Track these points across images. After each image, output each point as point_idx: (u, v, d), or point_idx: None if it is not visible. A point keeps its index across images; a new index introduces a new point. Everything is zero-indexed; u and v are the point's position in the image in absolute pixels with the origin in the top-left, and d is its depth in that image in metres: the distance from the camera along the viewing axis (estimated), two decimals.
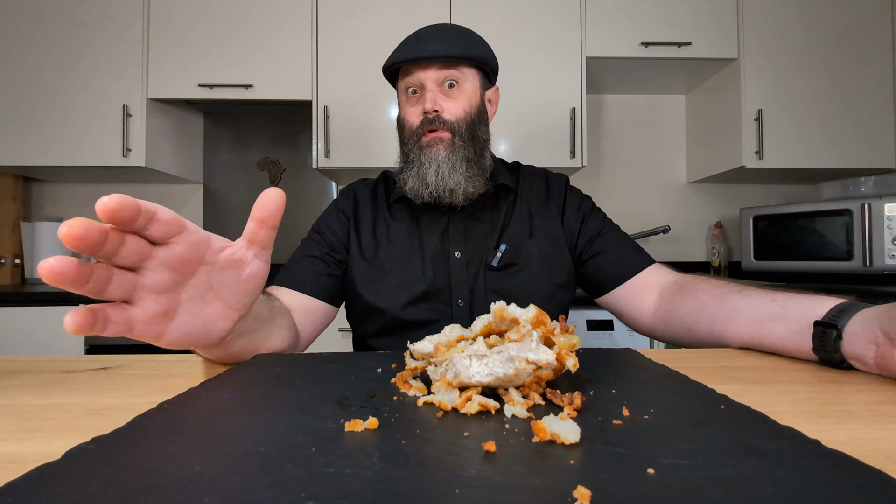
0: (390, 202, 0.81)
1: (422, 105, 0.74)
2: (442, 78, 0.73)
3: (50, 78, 1.68)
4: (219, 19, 1.71)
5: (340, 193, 0.85)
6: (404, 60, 0.73)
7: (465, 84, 0.75)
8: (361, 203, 0.82)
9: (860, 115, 1.76)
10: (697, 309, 0.60)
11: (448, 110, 0.74)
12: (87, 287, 0.29)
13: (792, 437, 0.23)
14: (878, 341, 0.38)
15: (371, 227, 0.79)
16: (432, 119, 0.73)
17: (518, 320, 0.32)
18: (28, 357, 0.47)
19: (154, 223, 0.30)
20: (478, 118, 0.76)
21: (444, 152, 0.73)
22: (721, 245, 2.02)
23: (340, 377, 0.36)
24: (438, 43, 0.73)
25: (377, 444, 0.23)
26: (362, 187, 0.84)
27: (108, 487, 0.18)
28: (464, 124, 0.74)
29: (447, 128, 0.74)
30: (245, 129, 2.08)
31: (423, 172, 0.73)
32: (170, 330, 0.35)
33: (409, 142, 0.76)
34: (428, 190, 0.73)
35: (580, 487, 0.17)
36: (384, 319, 0.73)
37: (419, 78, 0.74)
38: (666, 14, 1.74)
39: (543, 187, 0.83)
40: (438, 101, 0.73)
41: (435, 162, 0.73)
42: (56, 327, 1.46)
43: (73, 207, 2.02)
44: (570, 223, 0.79)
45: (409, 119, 0.76)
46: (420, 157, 0.74)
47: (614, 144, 2.12)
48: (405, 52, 0.73)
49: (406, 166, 0.76)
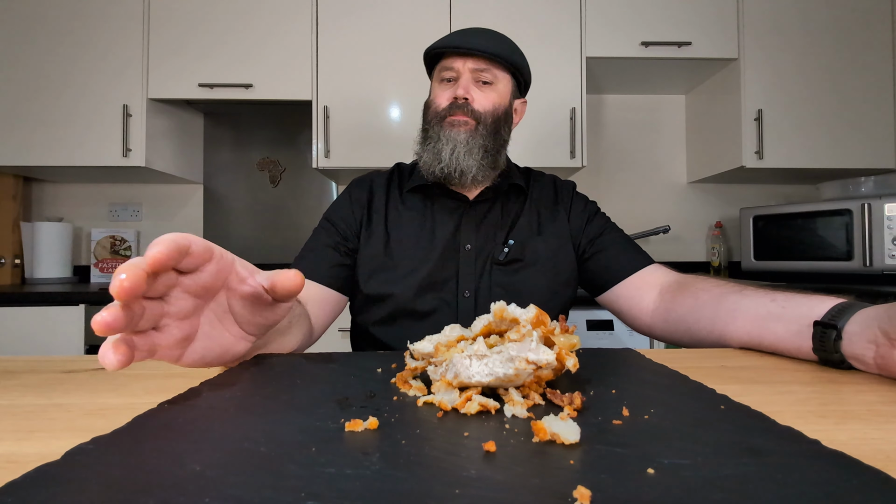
0: (405, 191, 0.82)
1: (453, 90, 0.76)
2: (479, 72, 0.76)
3: (50, 78, 1.68)
4: (219, 19, 1.71)
5: (355, 182, 0.85)
6: (447, 47, 0.75)
7: (498, 85, 0.78)
8: (377, 193, 0.82)
9: (860, 115, 1.76)
10: (697, 308, 0.60)
11: (478, 101, 0.76)
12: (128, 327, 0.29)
13: (792, 437, 0.23)
14: (877, 341, 0.38)
15: (384, 215, 0.80)
16: (461, 105, 0.75)
17: (518, 320, 0.32)
18: (28, 357, 0.47)
19: (187, 258, 0.31)
20: (503, 118, 0.79)
21: (465, 134, 0.75)
22: (721, 245, 2.02)
23: (340, 377, 0.36)
24: (483, 40, 0.75)
25: (377, 444, 0.23)
26: (378, 178, 0.85)
27: (108, 487, 0.18)
28: (490, 117, 0.77)
29: (473, 116, 0.76)
30: (245, 129, 2.08)
31: (439, 148, 0.75)
32: (188, 353, 0.35)
33: (431, 120, 0.78)
34: (440, 166, 0.75)
35: (580, 487, 0.17)
36: (390, 307, 0.74)
37: (457, 67, 0.76)
38: (666, 14, 1.74)
39: (552, 191, 0.85)
40: (471, 91, 0.76)
41: (453, 141, 0.75)
42: (56, 327, 1.46)
43: (74, 207, 2.02)
44: (575, 223, 0.81)
45: (437, 100, 0.78)
46: (439, 134, 0.76)
47: (614, 144, 2.12)
48: (449, 41, 0.76)
49: (424, 143, 0.78)
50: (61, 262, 1.88)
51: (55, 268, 1.87)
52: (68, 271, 1.91)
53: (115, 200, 2.04)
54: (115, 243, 1.96)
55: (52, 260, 1.86)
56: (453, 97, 0.76)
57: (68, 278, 1.91)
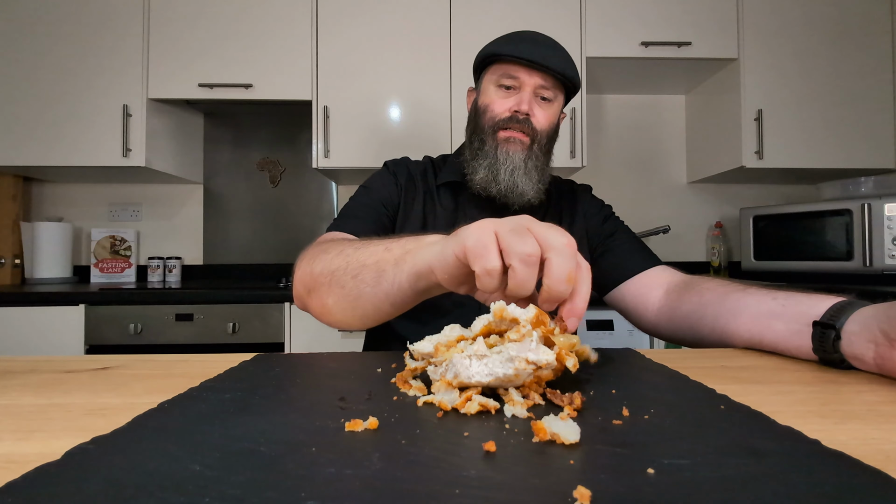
0: (438, 184, 0.81)
1: (514, 101, 0.75)
2: (542, 89, 0.75)
3: (50, 78, 1.68)
4: (219, 19, 1.71)
5: (393, 163, 0.84)
6: (524, 59, 0.72)
7: (555, 102, 0.77)
8: (415, 178, 0.82)
9: (860, 115, 1.76)
10: (701, 306, 0.60)
11: (537, 118, 0.76)
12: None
13: (792, 437, 0.23)
14: (877, 341, 0.38)
15: (421, 204, 0.80)
16: (521, 120, 0.75)
17: (518, 320, 0.32)
18: (28, 357, 0.47)
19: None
20: (554, 135, 0.80)
21: (521, 155, 0.75)
22: (721, 245, 2.02)
23: (340, 377, 0.36)
24: (556, 57, 0.74)
25: (377, 444, 0.23)
26: (414, 164, 0.85)
27: (108, 487, 0.18)
28: (545, 137, 0.77)
29: (530, 134, 0.75)
30: (245, 129, 2.08)
31: (496, 168, 0.75)
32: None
33: (486, 129, 0.77)
34: (498, 186, 0.75)
35: (580, 487, 0.17)
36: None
37: (523, 78, 0.74)
38: (666, 14, 1.74)
39: (571, 194, 0.87)
40: (534, 107, 0.75)
41: (511, 161, 0.74)
42: (56, 327, 1.46)
43: (73, 207, 2.02)
44: (591, 221, 0.84)
45: (495, 108, 0.76)
46: (496, 152, 0.75)
47: (614, 144, 2.12)
48: (524, 51, 0.73)
49: (478, 154, 0.77)
50: (61, 262, 1.88)
51: (55, 268, 1.87)
52: (68, 271, 1.91)
53: (115, 200, 2.03)
54: (115, 243, 1.96)
55: (52, 260, 1.86)
56: (514, 110, 0.75)
57: (68, 278, 1.91)
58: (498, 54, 0.75)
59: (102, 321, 1.47)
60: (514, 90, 0.76)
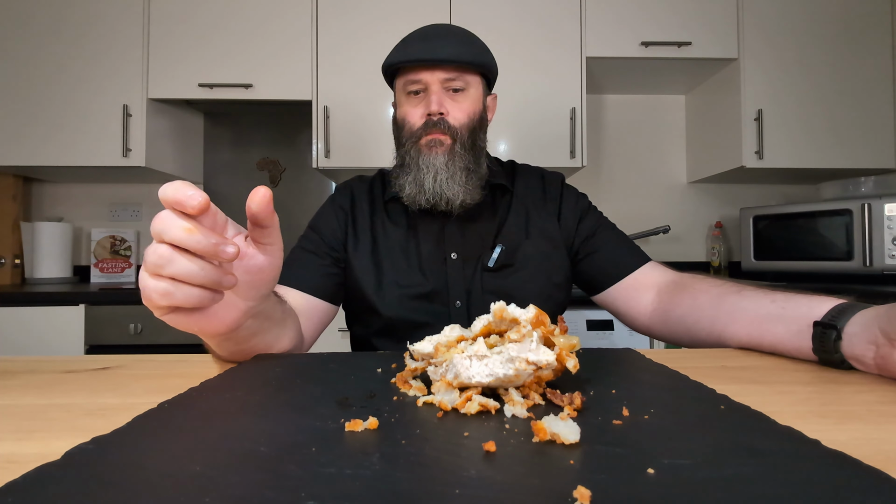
0: (386, 201, 0.79)
1: (424, 106, 0.72)
2: (449, 81, 0.72)
3: (50, 78, 1.68)
4: (219, 19, 1.71)
5: (337, 190, 0.83)
6: (414, 60, 0.71)
7: (469, 90, 0.74)
8: (358, 201, 0.80)
9: (860, 115, 1.76)
10: (696, 309, 0.60)
11: (453, 115, 0.73)
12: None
13: (792, 437, 0.23)
14: (877, 342, 0.38)
15: (368, 226, 0.77)
16: (436, 122, 0.72)
17: (518, 320, 0.32)
18: (28, 357, 0.47)
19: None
20: (479, 125, 0.75)
21: (443, 158, 0.72)
22: (721, 245, 2.02)
23: (340, 377, 0.36)
24: (449, 46, 0.71)
25: (377, 444, 0.23)
26: (359, 185, 0.83)
27: (108, 487, 0.18)
28: (466, 131, 0.73)
29: (450, 133, 0.72)
30: (245, 129, 2.08)
31: (420, 178, 0.72)
32: (171, 315, 0.36)
33: (406, 143, 0.74)
34: (425, 196, 0.72)
35: (580, 487, 0.17)
36: (382, 321, 0.72)
37: (425, 79, 0.72)
38: (666, 14, 1.74)
39: (539, 186, 0.82)
40: (444, 104, 0.72)
41: (433, 168, 0.71)
42: (56, 327, 1.46)
43: (73, 207, 2.02)
44: (567, 221, 0.79)
45: (410, 119, 0.74)
46: (418, 161, 0.72)
47: (614, 144, 2.11)
48: (414, 52, 0.71)
49: (403, 169, 0.75)
50: (61, 262, 1.88)
51: (55, 268, 1.87)
52: (68, 271, 1.91)
53: (115, 200, 2.03)
54: (115, 243, 1.96)
55: (52, 260, 1.86)
56: (427, 114, 0.72)
57: (68, 278, 1.91)
58: (393, 64, 0.73)
59: (102, 321, 1.47)
60: (422, 93, 0.73)
